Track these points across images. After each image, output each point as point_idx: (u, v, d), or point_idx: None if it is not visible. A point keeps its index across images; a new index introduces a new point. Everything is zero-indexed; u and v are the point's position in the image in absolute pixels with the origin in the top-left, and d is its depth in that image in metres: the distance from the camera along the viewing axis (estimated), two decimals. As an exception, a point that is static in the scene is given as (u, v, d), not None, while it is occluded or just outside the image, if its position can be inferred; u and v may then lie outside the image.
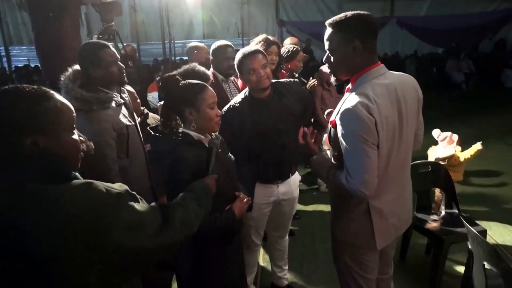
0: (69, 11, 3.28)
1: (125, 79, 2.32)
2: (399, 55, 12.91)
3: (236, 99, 2.39)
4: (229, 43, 3.03)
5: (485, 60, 11.18)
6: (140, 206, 1.15)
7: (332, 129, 1.73)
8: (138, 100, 2.77)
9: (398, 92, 1.67)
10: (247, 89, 2.38)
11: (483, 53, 11.60)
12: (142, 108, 2.85)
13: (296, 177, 2.54)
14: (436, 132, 3.65)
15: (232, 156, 2.04)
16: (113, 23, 3.31)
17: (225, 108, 2.34)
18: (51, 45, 3.31)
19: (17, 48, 15.46)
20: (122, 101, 2.31)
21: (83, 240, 0.99)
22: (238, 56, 2.32)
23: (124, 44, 4.58)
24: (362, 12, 1.68)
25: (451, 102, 9.45)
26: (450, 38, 11.83)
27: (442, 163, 3.39)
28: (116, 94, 2.27)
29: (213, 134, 1.96)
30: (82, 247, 0.99)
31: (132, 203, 1.13)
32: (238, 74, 2.39)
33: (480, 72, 10.97)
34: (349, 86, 1.75)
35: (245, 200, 1.92)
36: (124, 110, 2.31)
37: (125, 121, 2.26)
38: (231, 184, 1.96)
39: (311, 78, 3.97)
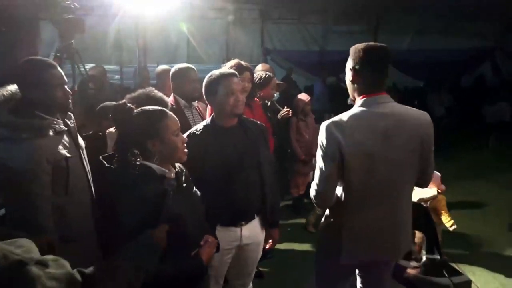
0: (25, 26, 3.04)
1: (70, 105, 2.05)
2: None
3: (197, 126, 2.16)
4: (191, 66, 2.81)
5: (465, 94, 11.27)
6: (50, 276, 0.90)
7: None
8: None
9: (389, 123, 1.74)
10: (210, 117, 2.16)
11: (464, 87, 11.72)
12: None
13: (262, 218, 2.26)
14: None
15: (198, 192, 1.80)
16: (72, 41, 3.06)
17: (184, 135, 2.09)
18: (2, 61, 3.05)
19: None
20: (65, 128, 2.02)
21: None
22: (213, 76, 2.11)
23: (92, 66, 4.35)
24: (374, 44, 1.83)
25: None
26: (431, 72, 11.94)
27: (424, 204, 3.17)
28: (57, 120, 1.98)
29: (177, 165, 1.74)
30: None
31: (40, 272, 0.89)
32: (207, 97, 2.16)
33: (461, 107, 11.02)
34: None
35: (213, 244, 1.73)
36: (65, 139, 2.01)
37: (64, 152, 1.94)
38: (199, 224, 1.72)
39: (285, 106, 3.75)
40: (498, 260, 3.71)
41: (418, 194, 3.33)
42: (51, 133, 1.92)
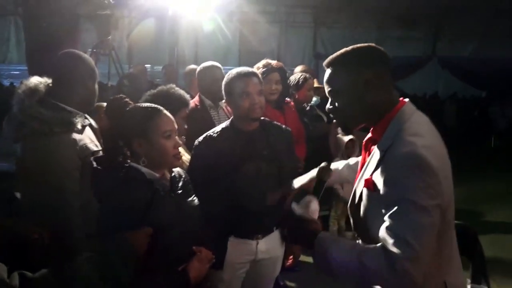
0: (66, 22, 3.07)
1: (94, 103, 2.06)
2: (438, 96, 12.28)
3: (216, 129, 2.04)
4: (218, 64, 2.71)
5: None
6: None
7: (364, 190, 1.33)
8: None
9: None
10: (230, 119, 2.04)
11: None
12: None
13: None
14: None
15: (196, 200, 1.66)
16: (109, 37, 3.07)
17: (200, 138, 1.99)
18: (44, 58, 3.10)
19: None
20: (88, 122, 2.00)
21: None
22: (230, 75, 1.99)
23: (132, 66, 4.38)
24: (364, 44, 1.39)
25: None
26: (494, 82, 11.13)
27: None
28: (81, 113, 1.96)
29: (175, 170, 1.62)
30: None
31: None
32: (225, 98, 2.05)
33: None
34: (370, 135, 1.39)
35: (206, 258, 1.53)
36: (90, 132, 1.99)
37: (91, 146, 1.93)
38: (191, 237, 1.56)
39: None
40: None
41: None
42: (79, 127, 1.90)
